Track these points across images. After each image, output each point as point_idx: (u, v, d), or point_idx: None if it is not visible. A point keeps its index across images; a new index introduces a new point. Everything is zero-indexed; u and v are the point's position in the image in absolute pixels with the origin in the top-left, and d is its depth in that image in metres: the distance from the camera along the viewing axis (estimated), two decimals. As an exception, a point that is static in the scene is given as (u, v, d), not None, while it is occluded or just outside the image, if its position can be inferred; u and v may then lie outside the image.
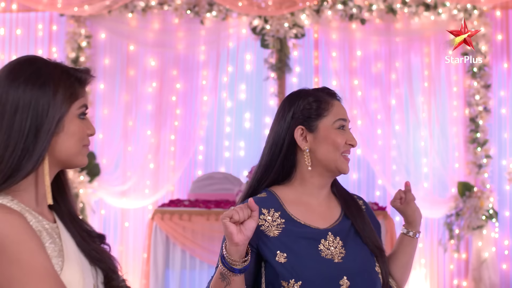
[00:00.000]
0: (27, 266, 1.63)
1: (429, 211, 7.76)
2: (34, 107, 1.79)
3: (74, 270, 1.77)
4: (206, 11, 7.65)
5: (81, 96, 1.91)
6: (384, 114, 7.84)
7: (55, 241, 1.77)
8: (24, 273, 1.62)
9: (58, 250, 1.76)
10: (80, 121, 1.87)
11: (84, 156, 1.89)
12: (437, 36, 7.84)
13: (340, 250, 2.31)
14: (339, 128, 2.43)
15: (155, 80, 7.82)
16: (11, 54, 7.88)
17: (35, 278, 1.63)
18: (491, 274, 7.67)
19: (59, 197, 1.92)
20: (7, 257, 1.62)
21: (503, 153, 7.89)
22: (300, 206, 2.37)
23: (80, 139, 1.87)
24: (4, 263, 1.63)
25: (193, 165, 7.93)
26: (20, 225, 1.66)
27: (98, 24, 7.84)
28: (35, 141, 1.77)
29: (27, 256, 1.63)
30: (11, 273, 1.63)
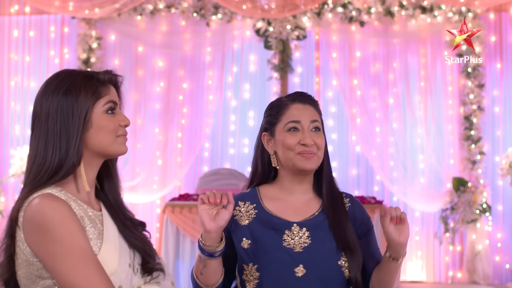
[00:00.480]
0: (67, 244, 1.91)
1: (425, 206, 7.98)
2: (61, 112, 2.04)
3: (110, 250, 2.02)
4: (211, 14, 7.86)
5: (105, 95, 2.10)
6: (382, 113, 8.00)
7: (96, 226, 2.03)
8: (64, 251, 1.90)
9: (98, 233, 2.01)
10: (108, 115, 2.08)
11: (120, 144, 2.11)
12: (433, 37, 8.02)
13: (305, 240, 2.43)
14: (290, 130, 2.50)
15: (163, 80, 8.02)
16: (24, 55, 8.08)
17: (72, 254, 1.90)
18: (485, 265, 7.87)
19: (107, 186, 2.17)
20: (51, 237, 1.90)
21: (496, 150, 8.08)
22: (276, 201, 2.52)
23: (111, 131, 2.07)
24: (49, 241, 1.91)
25: (199, 161, 8.12)
26: (64, 211, 1.94)
27: (108, 26, 8.04)
28: (68, 140, 2.02)
29: (67, 237, 1.91)
30: (54, 250, 1.91)
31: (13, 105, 8.09)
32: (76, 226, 1.93)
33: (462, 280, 8.02)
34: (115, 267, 1.99)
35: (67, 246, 1.90)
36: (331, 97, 8.16)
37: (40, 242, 1.92)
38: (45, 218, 1.92)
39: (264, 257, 2.42)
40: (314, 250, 2.41)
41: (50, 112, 2.02)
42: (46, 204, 1.93)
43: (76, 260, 1.90)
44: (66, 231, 1.91)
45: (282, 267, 2.39)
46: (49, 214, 1.92)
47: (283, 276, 2.39)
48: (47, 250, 1.91)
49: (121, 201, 2.17)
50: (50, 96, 2.03)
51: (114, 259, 2.00)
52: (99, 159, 2.09)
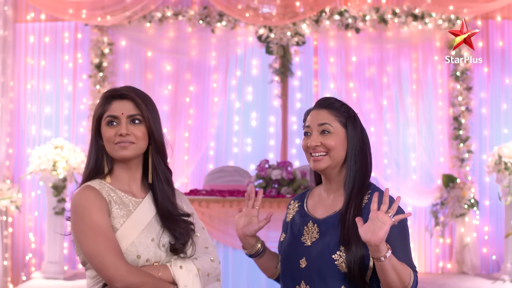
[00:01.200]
0: (85, 221, 2.37)
1: (417, 201, 8.20)
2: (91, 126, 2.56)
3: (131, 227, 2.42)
4: (216, 21, 8.10)
5: (106, 110, 2.48)
6: (377, 114, 8.23)
7: (126, 208, 2.44)
8: (83, 226, 2.37)
9: (124, 213, 2.43)
10: (108, 127, 2.46)
11: (116, 151, 2.45)
12: (424, 43, 8.26)
13: (315, 235, 2.53)
14: (305, 135, 2.63)
15: (171, 83, 8.25)
16: (40, 60, 8.32)
17: (88, 229, 2.35)
18: (473, 257, 8.11)
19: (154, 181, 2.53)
20: (76, 216, 2.39)
21: (483, 149, 8.31)
22: (315, 199, 2.66)
23: (108, 140, 2.48)
24: (75, 219, 2.39)
25: (205, 159, 8.34)
26: (89, 196, 2.40)
27: (119, 32, 8.27)
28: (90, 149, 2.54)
29: (86, 216, 2.37)
30: (78, 226, 2.39)
31: (29, 106, 8.33)
32: (96, 208, 2.39)
33: (451, 271, 8.22)
34: (132, 239, 2.40)
35: (85, 223, 2.36)
36: None
37: (72, 220, 2.42)
38: (75, 202, 2.41)
39: (283, 249, 2.64)
40: (318, 245, 2.51)
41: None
42: (78, 192, 2.44)
43: (90, 233, 2.34)
44: (87, 211, 2.37)
45: (292, 258, 2.56)
46: (77, 200, 2.41)
47: (291, 266, 2.56)
48: (74, 226, 2.40)
49: (163, 193, 2.52)
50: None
51: (133, 233, 2.41)
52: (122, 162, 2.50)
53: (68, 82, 8.37)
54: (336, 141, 2.53)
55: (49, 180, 7.51)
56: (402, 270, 2.37)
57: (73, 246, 7.98)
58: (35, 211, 8.27)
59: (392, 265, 2.34)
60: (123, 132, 2.42)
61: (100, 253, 2.30)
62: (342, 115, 2.56)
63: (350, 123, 2.57)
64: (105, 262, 2.29)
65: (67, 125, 8.35)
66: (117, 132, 2.42)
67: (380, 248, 2.29)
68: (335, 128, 2.54)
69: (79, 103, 8.36)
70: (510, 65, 8.32)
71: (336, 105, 2.59)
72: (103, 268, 2.30)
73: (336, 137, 2.53)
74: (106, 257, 2.30)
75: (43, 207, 8.19)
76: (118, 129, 2.42)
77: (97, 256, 2.31)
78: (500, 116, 8.35)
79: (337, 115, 2.56)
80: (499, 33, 8.32)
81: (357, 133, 2.57)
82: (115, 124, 2.43)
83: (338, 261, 2.44)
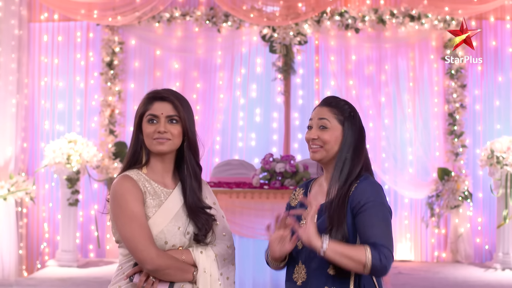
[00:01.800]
0: (121, 209, 2.64)
1: (413, 193, 8.49)
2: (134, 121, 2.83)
3: (162, 216, 2.69)
4: (222, 22, 8.40)
5: (148, 109, 2.77)
6: (375, 110, 8.50)
7: (158, 198, 2.71)
8: (120, 212, 2.65)
9: (156, 203, 2.70)
10: (149, 124, 2.74)
11: (154, 146, 2.70)
12: (420, 43, 8.56)
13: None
14: (308, 128, 2.82)
15: (178, 80, 8.55)
16: (53, 58, 8.65)
17: (124, 215, 2.63)
18: (466, 246, 8.41)
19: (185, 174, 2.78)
20: (115, 203, 2.67)
21: (477, 143, 8.61)
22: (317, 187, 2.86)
23: (148, 136, 2.75)
24: (114, 206, 2.67)
25: (211, 153, 8.65)
26: (126, 185, 2.68)
27: (129, 32, 8.57)
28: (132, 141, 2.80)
29: (123, 203, 2.65)
30: (116, 212, 2.67)
31: (43, 103, 8.66)
32: (132, 197, 2.66)
33: (446, 260, 8.52)
34: (161, 227, 2.67)
35: (122, 210, 2.65)
36: None
37: (111, 206, 2.70)
38: (115, 190, 2.69)
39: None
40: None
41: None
42: (117, 181, 2.72)
43: (126, 219, 2.63)
44: (124, 199, 2.65)
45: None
46: (117, 188, 2.69)
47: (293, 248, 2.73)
48: (113, 211, 2.68)
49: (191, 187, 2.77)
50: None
51: (163, 221, 2.69)
52: (158, 155, 2.77)
53: (80, 79, 8.70)
54: (331, 136, 2.73)
55: (63, 173, 7.85)
56: (352, 251, 2.53)
57: (85, 236, 8.35)
58: (49, 202, 8.63)
59: (338, 253, 2.52)
60: (161, 130, 2.69)
61: (134, 238, 2.59)
62: (342, 113, 2.76)
63: (348, 121, 2.76)
64: (138, 246, 2.58)
65: (79, 120, 8.70)
66: (156, 129, 2.70)
67: (313, 245, 2.54)
68: (332, 124, 2.74)
69: (91, 99, 8.70)
70: (503, 63, 8.63)
71: (338, 104, 2.78)
72: (136, 252, 2.59)
73: (331, 133, 2.73)
74: (139, 242, 2.58)
75: (56, 199, 8.55)
76: (157, 126, 2.70)
77: (132, 241, 2.60)
78: (493, 112, 8.65)
79: (337, 113, 2.76)
80: (492, 33, 8.64)
81: (354, 131, 2.77)
82: (155, 122, 2.71)
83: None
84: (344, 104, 2.81)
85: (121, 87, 8.59)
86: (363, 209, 2.61)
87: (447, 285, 7.14)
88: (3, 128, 8.03)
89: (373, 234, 2.56)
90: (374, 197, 2.63)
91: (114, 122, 8.52)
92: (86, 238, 8.64)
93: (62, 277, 7.36)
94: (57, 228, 8.51)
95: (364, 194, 2.64)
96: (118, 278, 2.69)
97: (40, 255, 8.60)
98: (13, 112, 8.10)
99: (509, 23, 8.67)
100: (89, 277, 7.43)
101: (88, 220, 8.62)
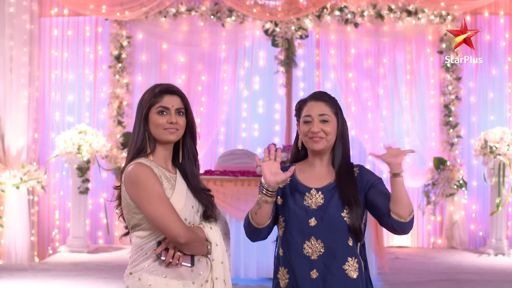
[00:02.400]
0: (148, 191, 2.84)
1: (410, 182, 8.68)
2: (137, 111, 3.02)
3: (178, 197, 2.93)
4: (226, 16, 8.66)
5: (157, 102, 2.97)
6: (373, 101, 8.74)
7: (170, 182, 2.95)
8: (147, 195, 2.84)
9: (171, 186, 2.94)
10: (159, 115, 2.94)
11: (165, 135, 2.90)
12: (417, 37, 8.81)
13: (320, 201, 2.99)
14: (305, 123, 3.06)
15: (184, 73, 8.79)
16: (63, 51, 8.93)
17: (152, 197, 2.83)
18: (461, 233, 8.70)
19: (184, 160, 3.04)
20: (140, 187, 2.86)
21: (472, 134, 8.87)
22: (304, 173, 3.10)
23: (159, 127, 2.95)
24: (138, 190, 2.86)
25: (216, 143, 8.93)
26: (147, 171, 2.90)
27: (137, 26, 8.83)
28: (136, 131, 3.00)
29: (149, 187, 2.85)
30: (142, 195, 2.86)
31: (54, 95, 8.96)
32: (155, 180, 2.89)
33: (441, 246, 8.80)
34: (181, 207, 2.90)
35: (149, 192, 2.85)
36: (330, 88, 8.86)
37: (133, 191, 2.88)
38: (136, 176, 2.89)
39: (288, 211, 3.06)
40: (325, 207, 2.98)
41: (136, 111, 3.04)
42: (137, 168, 2.92)
43: (154, 200, 2.83)
44: (148, 183, 2.86)
45: (299, 219, 3.01)
46: (138, 173, 2.90)
47: (300, 226, 3.01)
48: (138, 195, 2.86)
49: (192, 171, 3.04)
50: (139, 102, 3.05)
51: (180, 201, 2.93)
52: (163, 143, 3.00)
53: (89, 72, 8.99)
54: (332, 128, 3.03)
55: (74, 162, 8.15)
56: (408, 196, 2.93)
57: (94, 223, 8.61)
58: (60, 191, 8.94)
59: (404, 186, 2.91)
60: (173, 121, 2.92)
61: (165, 216, 2.80)
62: (334, 107, 3.07)
63: (340, 113, 3.08)
64: (170, 223, 2.79)
65: (88, 112, 8.99)
66: (167, 120, 2.92)
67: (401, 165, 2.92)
68: (331, 118, 3.04)
69: (100, 91, 8.99)
70: (497, 57, 8.89)
71: (331, 99, 3.09)
72: (169, 228, 2.79)
73: (332, 125, 3.03)
74: (171, 219, 2.80)
75: (66, 187, 8.86)
76: (168, 118, 2.92)
77: (163, 219, 2.80)
78: (487, 104, 8.92)
79: (331, 106, 3.06)
80: (486, 28, 8.90)
81: (342, 121, 3.08)
82: (165, 113, 2.92)
83: (346, 217, 2.95)
84: (333, 98, 3.11)
85: (129, 80, 8.86)
86: (375, 183, 2.99)
87: (441, 269, 7.43)
88: (15, 119, 8.32)
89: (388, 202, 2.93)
90: (378, 178, 3.02)
91: (122, 113, 8.80)
92: (95, 225, 8.95)
93: (74, 262, 7.68)
94: (67, 216, 8.81)
95: (370, 175, 3.02)
96: (142, 258, 2.87)
97: (51, 241, 8.90)
98: (25, 104, 8.39)
99: (503, 18, 8.92)
100: (100, 261, 7.75)
101: (97, 208, 8.93)
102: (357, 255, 2.99)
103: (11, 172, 8.08)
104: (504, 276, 7.13)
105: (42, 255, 8.83)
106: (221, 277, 2.93)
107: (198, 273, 2.88)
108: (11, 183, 8.05)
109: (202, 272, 2.90)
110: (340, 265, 2.96)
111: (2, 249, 8.15)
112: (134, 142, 2.97)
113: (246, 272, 6.68)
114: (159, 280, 2.82)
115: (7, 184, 8.04)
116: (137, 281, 2.83)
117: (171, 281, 2.82)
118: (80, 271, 7.20)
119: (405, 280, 6.86)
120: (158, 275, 2.82)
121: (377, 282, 6.66)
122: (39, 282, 6.74)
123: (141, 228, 2.90)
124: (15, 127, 8.32)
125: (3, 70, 8.29)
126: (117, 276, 6.91)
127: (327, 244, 2.96)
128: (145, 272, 2.83)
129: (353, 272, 2.96)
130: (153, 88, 2.98)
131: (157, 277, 2.82)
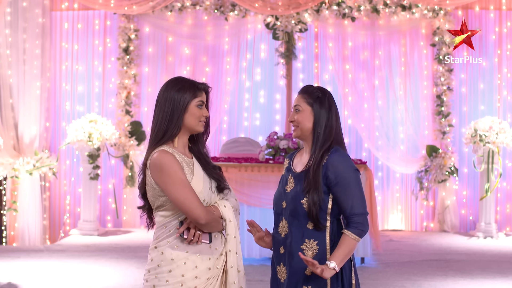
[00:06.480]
0: (173, 177, 3.13)
1: (404, 168, 9.07)
2: (172, 101, 3.24)
3: (197, 180, 3.22)
4: (229, 11, 9.00)
5: (198, 96, 3.23)
6: (369, 92, 9.07)
7: (190, 167, 3.24)
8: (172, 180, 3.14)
9: (190, 171, 3.22)
10: (197, 108, 3.21)
11: (200, 127, 3.17)
12: (411, 30, 9.14)
13: (292, 185, 3.23)
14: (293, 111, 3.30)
15: (189, 65, 9.14)
16: (73, 44, 9.28)
17: (176, 182, 3.11)
18: (452, 217, 9.03)
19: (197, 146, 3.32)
20: (165, 173, 3.16)
21: (463, 123, 9.19)
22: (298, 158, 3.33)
23: (196, 118, 3.22)
24: (163, 176, 3.16)
25: (219, 131, 9.27)
26: (171, 159, 3.19)
27: (144, 20, 9.17)
28: (171, 118, 3.23)
29: (173, 173, 3.14)
30: (166, 181, 3.16)
31: (64, 85, 9.32)
32: (178, 167, 3.18)
33: (434, 229, 9.15)
34: (200, 189, 3.19)
35: (173, 178, 3.14)
36: (328, 79, 9.22)
37: (158, 176, 3.17)
38: (161, 163, 3.18)
39: (276, 193, 3.36)
40: (293, 192, 3.21)
41: (167, 100, 3.27)
42: (162, 155, 3.20)
43: (177, 185, 3.12)
44: (172, 169, 3.15)
45: (277, 201, 3.31)
46: (163, 161, 3.19)
47: (278, 206, 3.29)
48: (163, 180, 3.17)
49: (205, 154, 3.33)
50: (169, 90, 3.28)
51: (199, 184, 3.22)
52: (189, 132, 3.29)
53: (98, 63, 9.36)
54: (303, 117, 3.19)
55: (85, 150, 8.54)
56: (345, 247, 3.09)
57: (103, 208, 8.97)
58: (71, 177, 9.34)
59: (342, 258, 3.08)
60: (207, 115, 3.24)
61: (188, 200, 3.09)
62: (311, 97, 3.20)
63: (317, 103, 3.20)
64: (192, 206, 3.08)
65: (97, 102, 9.37)
66: (203, 113, 3.21)
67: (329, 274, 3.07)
68: (302, 107, 3.20)
69: (108, 82, 9.36)
70: (487, 49, 9.22)
71: (308, 90, 3.24)
72: (192, 210, 3.08)
73: (303, 114, 3.20)
74: (193, 203, 3.09)
75: (77, 173, 9.26)
76: (204, 111, 3.22)
77: (186, 202, 3.09)
78: (478, 94, 9.26)
79: (306, 97, 3.21)
80: (477, 22, 9.24)
81: (323, 111, 3.21)
82: (201, 107, 3.19)
83: (306, 204, 3.15)
84: (315, 89, 3.27)
85: (136, 71, 9.23)
86: (336, 181, 3.12)
87: (432, 250, 7.84)
88: (28, 109, 8.71)
89: (348, 206, 3.12)
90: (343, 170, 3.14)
91: (130, 103, 9.18)
92: (104, 210, 9.35)
93: (86, 244, 8.11)
94: (77, 201, 9.21)
95: (336, 170, 3.13)
96: (166, 235, 3.15)
97: (63, 225, 9.31)
98: (37, 94, 8.78)
99: (493, 12, 9.25)
100: (110, 243, 8.18)
101: (106, 193, 9.33)
102: (320, 238, 3.17)
103: (24, 159, 8.44)
104: (491, 257, 7.52)
105: (53, 238, 9.24)
106: (234, 250, 3.21)
107: (214, 249, 3.16)
108: (25, 169, 8.43)
109: (218, 248, 3.18)
110: (298, 245, 3.18)
111: (16, 233, 8.56)
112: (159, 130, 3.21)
113: (249, 252, 7.07)
114: (181, 255, 3.10)
115: (20, 170, 8.41)
116: (160, 254, 3.11)
117: (191, 256, 3.11)
118: (93, 252, 7.62)
119: (398, 260, 7.25)
120: (180, 250, 3.11)
121: (371, 262, 7.04)
122: (55, 261, 7.16)
123: (165, 208, 3.18)
124: (28, 116, 8.71)
125: (16, 62, 8.67)
126: (128, 256, 7.34)
127: (290, 225, 3.22)
128: (168, 247, 3.12)
129: (310, 252, 3.15)
130: (191, 83, 3.23)
131: (179, 252, 3.10)
